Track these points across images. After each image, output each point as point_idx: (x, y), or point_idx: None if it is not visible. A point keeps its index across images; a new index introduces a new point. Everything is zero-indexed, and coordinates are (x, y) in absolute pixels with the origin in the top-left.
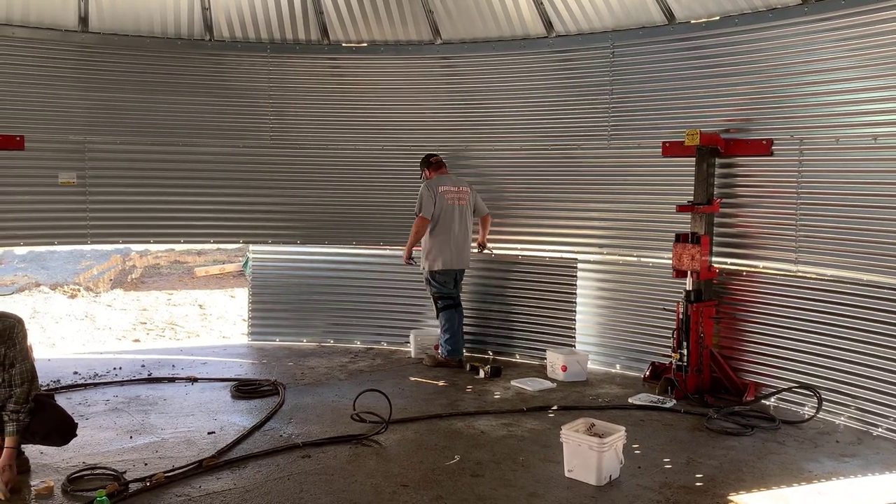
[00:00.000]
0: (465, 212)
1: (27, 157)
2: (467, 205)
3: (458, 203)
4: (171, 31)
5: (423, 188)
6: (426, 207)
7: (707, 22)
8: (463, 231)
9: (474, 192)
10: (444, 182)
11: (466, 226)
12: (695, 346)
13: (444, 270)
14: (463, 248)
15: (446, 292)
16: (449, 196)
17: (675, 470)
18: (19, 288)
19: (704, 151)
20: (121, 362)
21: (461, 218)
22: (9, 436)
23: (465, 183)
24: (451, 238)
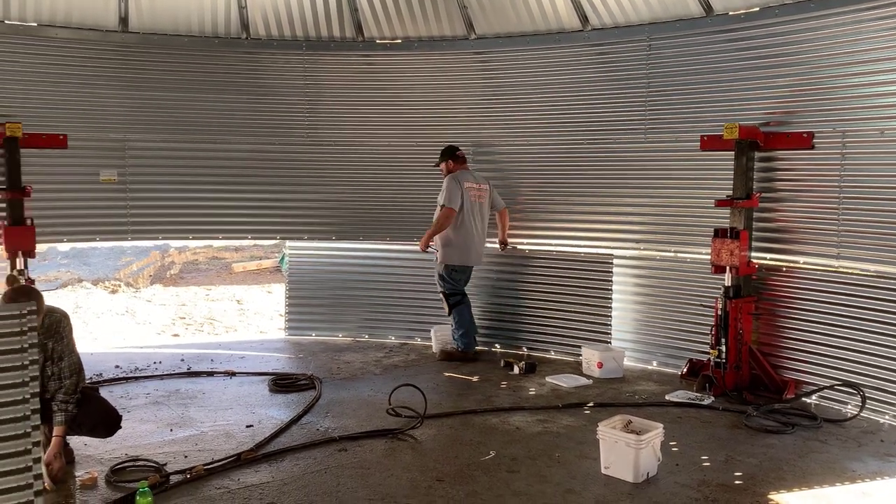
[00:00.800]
0: (484, 209)
1: (70, 156)
2: (486, 203)
3: (478, 200)
4: (209, 29)
5: (450, 180)
6: (454, 200)
7: (746, 13)
8: (482, 229)
9: (492, 188)
10: (466, 178)
11: (485, 223)
12: (733, 342)
13: (461, 267)
14: (481, 246)
15: (459, 289)
16: (472, 193)
17: (714, 468)
18: (62, 283)
19: (744, 145)
20: (161, 356)
21: (481, 215)
22: (57, 425)
23: (484, 179)
24: (472, 235)
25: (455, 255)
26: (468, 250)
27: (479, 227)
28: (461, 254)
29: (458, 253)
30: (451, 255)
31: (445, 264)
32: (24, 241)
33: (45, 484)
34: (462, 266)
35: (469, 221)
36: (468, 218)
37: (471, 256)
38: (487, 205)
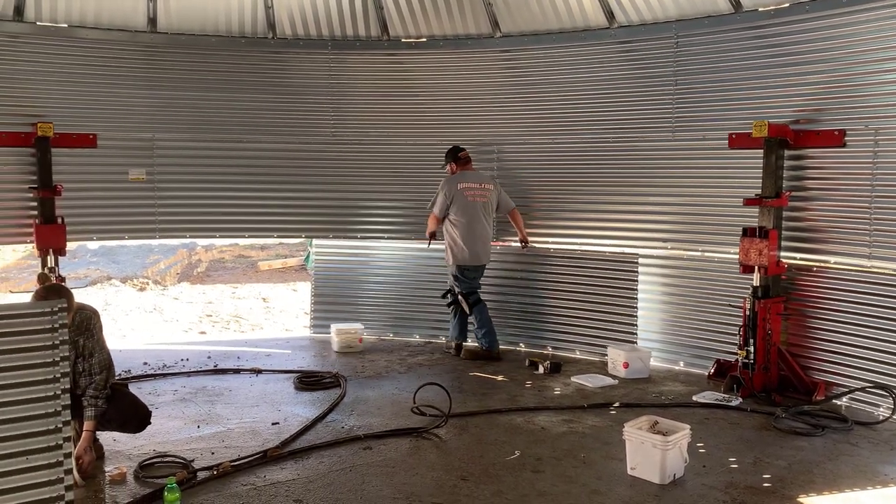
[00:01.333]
0: (487, 208)
1: (99, 155)
2: (489, 202)
3: (479, 199)
4: (236, 29)
5: (442, 185)
6: (439, 207)
7: (776, 9)
8: (485, 228)
9: (499, 189)
10: (466, 179)
11: (487, 221)
12: (762, 343)
13: (473, 266)
14: (484, 245)
15: (473, 287)
16: (469, 193)
17: (742, 470)
18: (92, 281)
19: (773, 143)
20: (188, 353)
21: (484, 214)
22: (88, 420)
23: (489, 179)
24: (475, 234)
25: (462, 255)
26: (475, 250)
27: (481, 227)
28: (468, 253)
29: (464, 253)
30: (459, 255)
31: (457, 265)
32: (55, 238)
33: (75, 478)
34: (470, 266)
35: (470, 222)
36: (467, 219)
37: (478, 255)
38: (492, 204)
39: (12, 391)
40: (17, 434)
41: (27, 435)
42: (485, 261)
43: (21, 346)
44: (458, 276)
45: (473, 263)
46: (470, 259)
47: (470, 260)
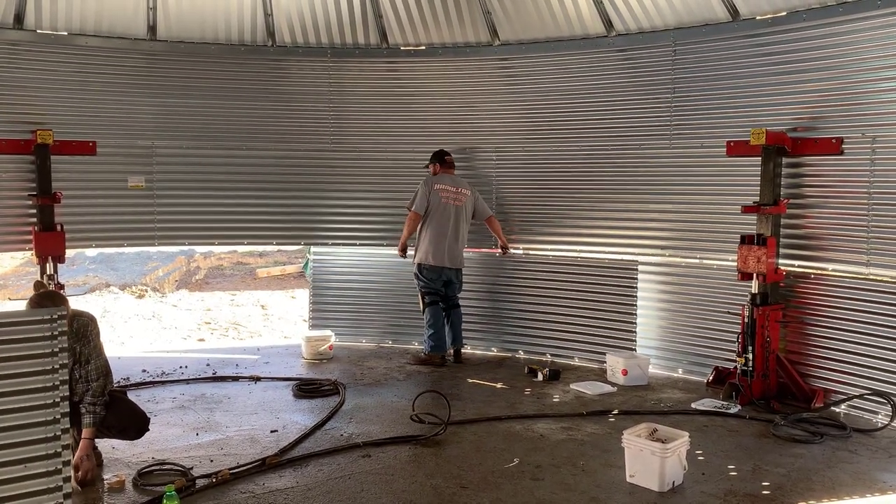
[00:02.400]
0: (460, 213)
1: (99, 162)
2: (464, 206)
3: (453, 203)
4: (235, 37)
5: (421, 184)
6: (418, 203)
7: (773, 18)
8: (455, 231)
9: (475, 195)
10: (443, 181)
11: (459, 227)
12: (760, 350)
13: (431, 266)
14: (453, 247)
15: (433, 288)
16: (444, 194)
17: (741, 477)
18: (91, 288)
19: (771, 151)
20: (187, 361)
21: (456, 218)
22: (86, 427)
23: (466, 185)
24: (443, 236)
25: (423, 254)
26: (438, 251)
27: (451, 230)
28: (431, 254)
29: (426, 253)
30: (420, 254)
31: (417, 263)
32: (54, 246)
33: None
34: (431, 266)
35: (440, 223)
36: (438, 219)
37: (441, 257)
38: (467, 210)
39: (11, 398)
40: (15, 442)
41: (26, 442)
42: (448, 264)
43: (20, 354)
44: (417, 274)
45: (433, 263)
46: (431, 258)
47: (430, 259)
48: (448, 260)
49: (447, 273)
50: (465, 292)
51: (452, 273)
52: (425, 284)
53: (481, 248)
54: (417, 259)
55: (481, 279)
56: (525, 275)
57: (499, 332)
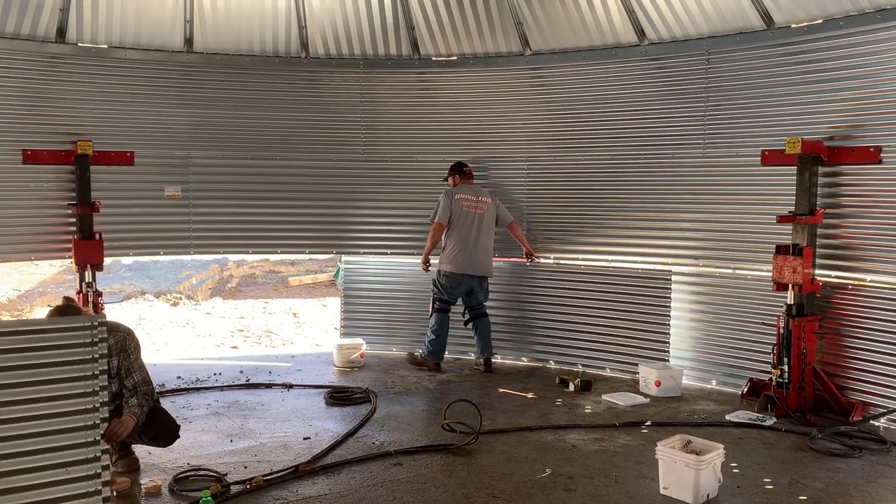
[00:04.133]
0: (483, 221)
1: (136, 172)
2: (486, 214)
3: (475, 211)
4: (270, 49)
5: (442, 196)
6: (441, 214)
7: (808, 26)
8: (477, 239)
9: (496, 203)
10: (463, 191)
11: (482, 234)
12: (796, 362)
13: (451, 274)
14: (475, 255)
15: (446, 297)
16: (465, 203)
17: (777, 491)
18: (126, 296)
19: (807, 160)
20: (220, 368)
21: (478, 226)
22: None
23: (486, 193)
24: (465, 244)
25: (445, 261)
26: (459, 258)
27: (474, 237)
28: (452, 261)
29: (448, 260)
30: (443, 261)
31: (439, 269)
32: (92, 254)
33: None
34: (452, 273)
35: (462, 231)
36: (461, 228)
37: (462, 265)
38: (489, 218)
39: (52, 404)
40: (56, 446)
41: (66, 447)
42: (469, 271)
43: (60, 360)
44: (435, 281)
45: (453, 270)
46: (451, 266)
47: (451, 266)
48: (470, 267)
49: (468, 282)
50: (495, 301)
51: (475, 282)
52: (439, 291)
53: (511, 257)
54: (439, 266)
55: (512, 288)
56: (556, 284)
57: (529, 342)
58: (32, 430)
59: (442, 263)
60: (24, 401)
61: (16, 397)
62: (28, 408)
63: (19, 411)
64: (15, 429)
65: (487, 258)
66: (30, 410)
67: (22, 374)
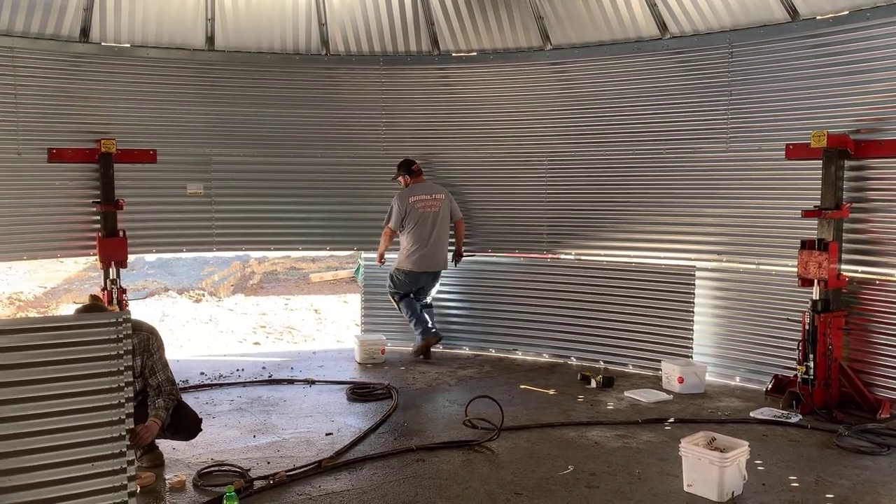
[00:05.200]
0: (438, 217)
1: (159, 170)
2: (441, 210)
3: (430, 210)
4: (290, 47)
5: (395, 200)
6: (394, 221)
7: (834, 17)
8: (434, 236)
9: (450, 198)
10: (415, 192)
11: (436, 230)
12: (822, 358)
13: (409, 272)
14: (432, 252)
15: (402, 291)
16: (420, 205)
17: (803, 489)
18: (150, 292)
19: (832, 154)
20: (243, 364)
21: (433, 223)
22: (155, 415)
23: (439, 189)
24: (422, 243)
25: (405, 261)
26: (417, 258)
27: (429, 235)
28: (410, 261)
29: (407, 259)
30: (401, 260)
31: (396, 268)
32: (117, 251)
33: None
34: (410, 271)
35: (419, 232)
36: (418, 229)
37: (421, 264)
38: (444, 213)
39: (78, 399)
40: (82, 441)
41: (92, 442)
42: (427, 268)
43: (86, 356)
44: (392, 276)
45: (411, 269)
46: (412, 265)
47: (411, 266)
48: (427, 265)
49: (424, 279)
50: (517, 296)
51: (429, 278)
52: (394, 286)
53: (531, 253)
54: (396, 264)
55: (532, 284)
56: (577, 280)
57: (550, 338)
58: (59, 425)
59: (400, 262)
60: (51, 396)
61: (43, 393)
62: (55, 403)
63: (47, 407)
64: (42, 424)
65: (443, 253)
66: (57, 406)
67: (48, 370)
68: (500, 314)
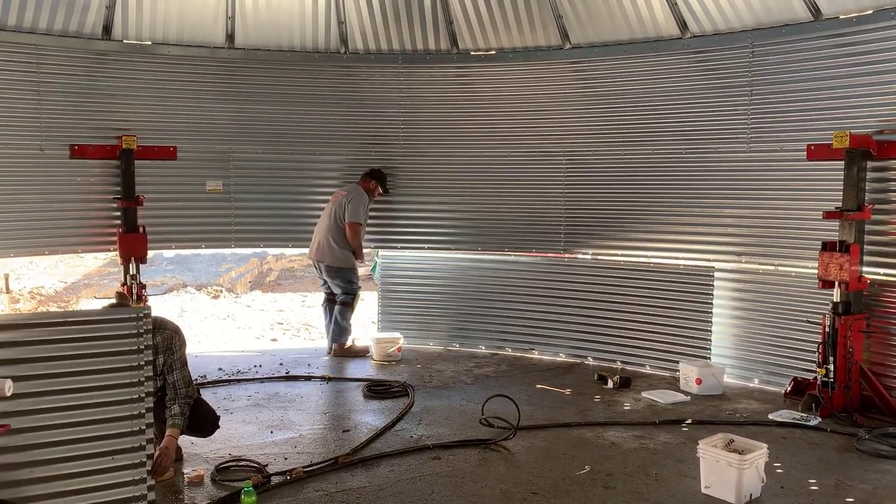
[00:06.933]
0: (330, 209)
1: (179, 167)
2: (336, 203)
3: (332, 201)
4: (309, 45)
5: (362, 200)
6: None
7: (858, 17)
8: (319, 224)
9: (352, 198)
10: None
11: (324, 221)
12: (842, 361)
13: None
14: (316, 241)
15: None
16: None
17: (823, 492)
18: (168, 288)
19: (855, 154)
20: (260, 360)
21: (325, 215)
22: (171, 427)
23: (351, 188)
24: (315, 233)
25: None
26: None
27: (319, 223)
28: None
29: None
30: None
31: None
32: (137, 247)
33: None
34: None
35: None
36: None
37: (312, 250)
38: (337, 208)
39: (99, 393)
40: (103, 434)
41: (113, 436)
42: (312, 255)
43: (107, 350)
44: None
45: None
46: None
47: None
48: (312, 251)
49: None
50: (534, 296)
51: (320, 271)
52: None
53: (548, 252)
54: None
55: (549, 284)
56: (594, 280)
57: (567, 338)
58: (80, 418)
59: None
60: (72, 390)
61: (64, 386)
62: (76, 397)
63: (68, 400)
64: (64, 417)
65: (324, 245)
66: (78, 400)
67: (70, 363)
68: (516, 313)
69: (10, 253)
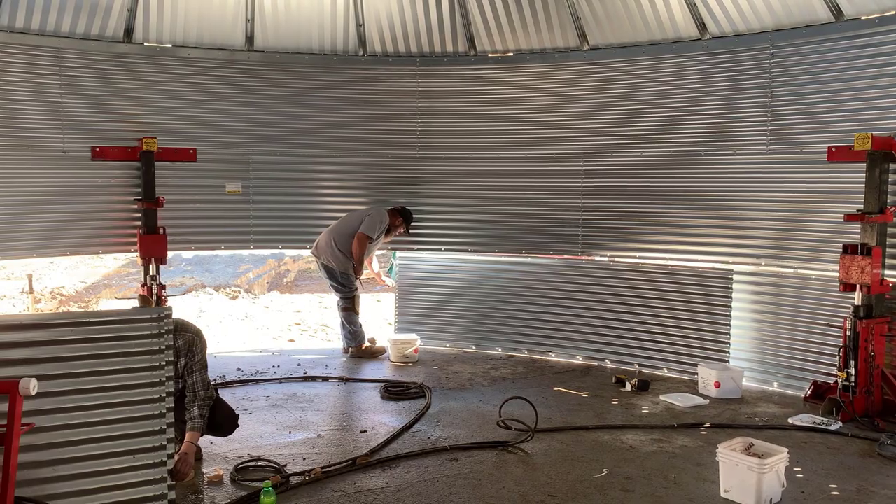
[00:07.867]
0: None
1: (198, 168)
2: (349, 213)
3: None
4: (328, 47)
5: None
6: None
7: (880, 17)
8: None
9: (369, 213)
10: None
11: (334, 225)
12: (863, 365)
13: None
14: (321, 240)
15: None
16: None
17: (844, 497)
18: (187, 289)
19: (877, 156)
20: (278, 361)
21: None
22: (191, 430)
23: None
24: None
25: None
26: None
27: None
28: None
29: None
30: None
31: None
32: (157, 248)
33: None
34: None
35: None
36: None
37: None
38: (349, 216)
39: (120, 393)
40: (124, 434)
41: (134, 435)
42: (315, 253)
43: (128, 350)
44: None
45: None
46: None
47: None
48: (316, 249)
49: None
50: (551, 298)
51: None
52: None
53: (566, 254)
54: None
55: (567, 286)
56: (612, 282)
57: (584, 341)
58: (102, 418)
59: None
60: (93, 390)
61: (86, 386)
62: (97, 397)
63: (89, 400)
64: (85, 416)
65: (327, 246)
66: (99, 399)
67: (91, 363)
68: (534, 315)
69: (33, 253)
